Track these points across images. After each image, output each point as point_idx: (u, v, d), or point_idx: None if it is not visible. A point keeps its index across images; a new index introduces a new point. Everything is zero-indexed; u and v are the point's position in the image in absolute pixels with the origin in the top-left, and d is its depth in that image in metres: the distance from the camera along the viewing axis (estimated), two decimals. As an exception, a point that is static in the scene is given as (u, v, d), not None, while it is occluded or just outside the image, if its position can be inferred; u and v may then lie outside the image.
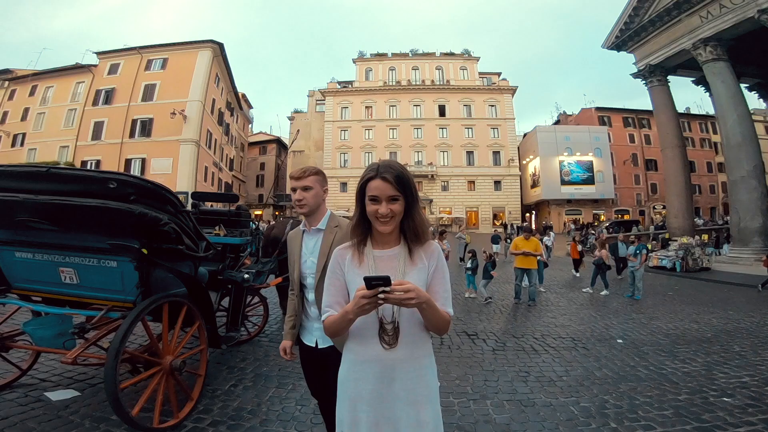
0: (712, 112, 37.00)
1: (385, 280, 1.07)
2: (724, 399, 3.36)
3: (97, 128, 28.62)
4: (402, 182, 1.27)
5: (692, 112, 42.10)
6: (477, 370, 3.90)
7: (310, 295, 1.79)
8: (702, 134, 41.63)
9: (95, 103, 29.06)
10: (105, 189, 2.28)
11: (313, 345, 1.77)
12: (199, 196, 4.48)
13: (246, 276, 3.70)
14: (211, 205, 8.17)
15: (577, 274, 11.95)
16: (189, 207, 4.46)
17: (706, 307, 7.84)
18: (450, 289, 1.37)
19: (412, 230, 1.33)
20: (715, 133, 39.81)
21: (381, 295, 1.08)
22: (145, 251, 2.36)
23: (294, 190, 1.83)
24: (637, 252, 8.95)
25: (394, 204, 1.27)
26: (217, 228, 4.00)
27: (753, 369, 4.16)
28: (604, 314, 6.86)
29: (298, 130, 40.22)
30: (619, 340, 5.18)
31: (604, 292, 8.99)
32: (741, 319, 6.69)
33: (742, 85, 17.36)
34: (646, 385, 3.63)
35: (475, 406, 3.13)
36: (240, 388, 3.33)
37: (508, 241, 14.00)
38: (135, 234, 2.39)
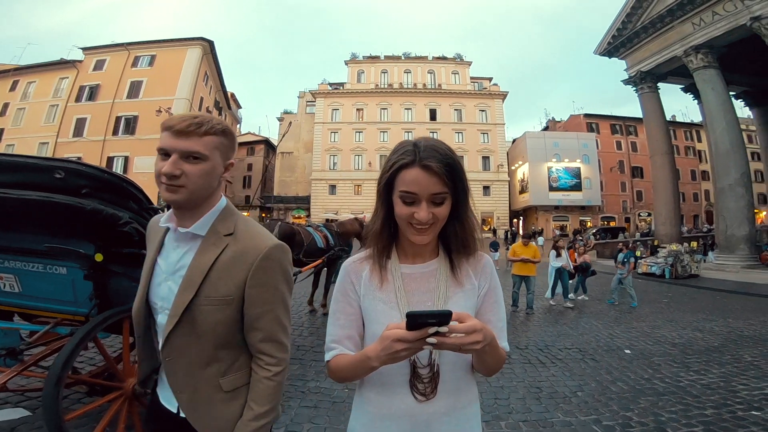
0: (697, 120, 37.98)
1: (441, 318, 0.70)
2: (754, 413, 3.12)
3: (80, 125, 27.97)
4: (453, 173, 0.88)
5: (678, 120, 42.87)
6: (484, 387, 3.56)
7: (161, 341, 1.02)
8: (687, 142, 42.41)
9: (78, 99, 28.43)
10: (51, 180, 1.87)
11: (175, 411, 1.04)
12: None
13: None
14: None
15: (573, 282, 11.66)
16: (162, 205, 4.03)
17: (704, 314, 7.68)
18: (505, 317, 1.01)
19: (458, 238, 0.95)
20: (699, 141, 40.65)
21: (431, 339, 0.71)
22: (99, 257, 1.95)
23: (165, 153, 0.97)
24: (625, 260, 8.88)
25: (439, 207, 0.88)
26: None
27: (772, 380, 3.94)
28: (606, 323, 6.63)
29: (290, 123, 39.63)
30: (627, 351, 4.92)
31: (582, 297, 8.98)
32: (743, 328, 6.52)
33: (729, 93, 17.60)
34: (668, 400, 3.35)
35: (488, 429, 2.79)
36: (219, 408, 2.92)
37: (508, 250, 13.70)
38: (88, 235, 1.98)
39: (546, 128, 46.61)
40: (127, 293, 2.27)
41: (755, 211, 17.01)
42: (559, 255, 8.19)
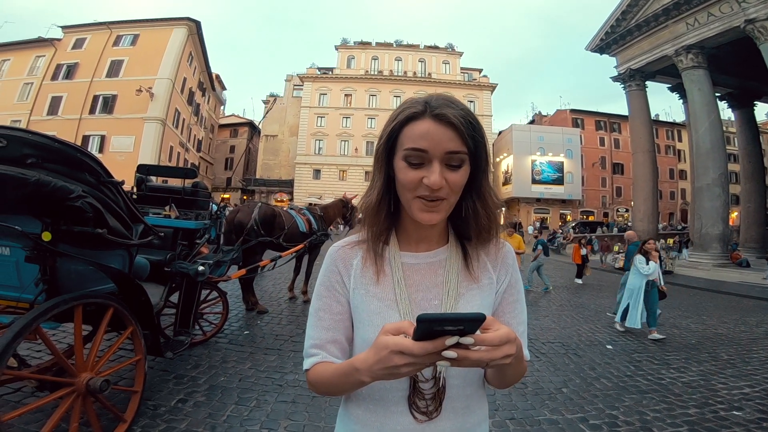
0: (678, 120, 38.76)
1: (468, 324, 0.51)
2: (735, 413, 3.11)
3: (55, 103, 26.81)
4: (473, 129, 0.69)
5: (661, 119, 43.65)
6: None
7: None
8: (668, 141, 43.30)
9: (54, 77, 27.19)
10: None
11: None
12: (146, 170, 3.73)
13: (200, 268, 3.04)
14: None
15: (580, 281, 10.97)
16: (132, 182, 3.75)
17: (680, 311, 7.83)
18: (526, 319, 0.83)
19: (477, 219, 0.76)
20: (680, 140, 41.58)
21: (449, 353, 0.52)
22: (47, 236, 1.71)
23: None
24: (534, 247, 9.37)
25: (455, 171, 0.68)
26: (167, 208, 3.29)
27: (749, 378, 3.99)
28: (586, 317, 6.66)
29: (275, 99, 38.80)
30: (609, 346, 4.92)
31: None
32: (717, 325, 6.65)
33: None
34: (651, 398, 3.32)
35: (472, 429, 2.68)
36: (190, 404, 2.71)
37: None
38: (33, 211, 1.74)
39: (532, 122, 46.87)
40: (83, 277, 2.05)
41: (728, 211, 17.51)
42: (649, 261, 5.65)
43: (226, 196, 37.98)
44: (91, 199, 1.81)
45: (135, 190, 3.65)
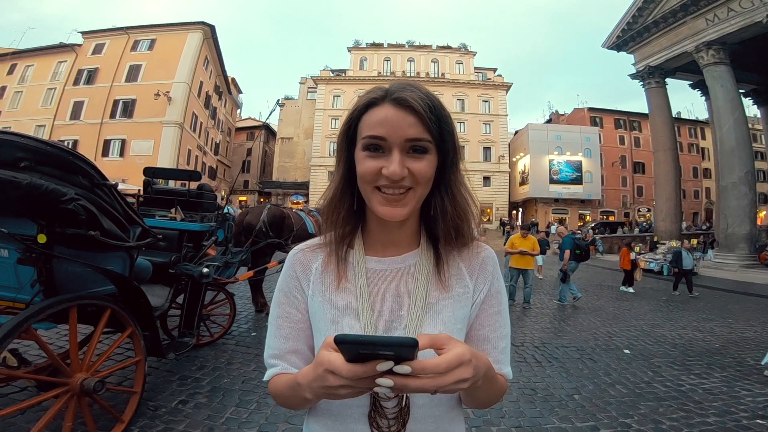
0: (702, 117, 37.53)
1: (398, 350, 0.44)
2: (759, 421, 2.95)
3: (77, 108, 27.66)
4: (438, 116, 0.62)
5: (683, 117, 42.37)
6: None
7: None
8: (690, 139, 41.96)
9: (76, 82, 28.06)
10: None
11: None
12: (152, 172, 3.77)
13: (205, 270, 3.04)
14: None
15: (631, 290, 9.78)
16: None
17: (704, 314, 7.54)
18: (510, 332, 0.74)
19: (446, 218, 0.68)
20: (703, 138, 40.24)
21: (384, 381, 0.45)
22: (42, 238, 1.72)
23: None
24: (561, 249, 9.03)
25: (419, 160, 0.62)
26: (172, 210, 3.31)
27: (777, 386, 3.77)
28: (604, 320, 6.45)
29: (278, 100, 39.44)
30: (626, 351, 4.74)
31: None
32: (743, 329, 6.37)
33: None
34: (669, 406, 3.17)
35: (477, 436, 2.60)
36: (190, 405, 2.71)
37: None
38: (28, 213, 1.76)
39: (549, 121, 46.07)
40: (81, 279, 2.05)
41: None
42: None
43: (243, 198, 38.63)
44: (84, 202, 1.82)
45: (141, 192, 3.70)
